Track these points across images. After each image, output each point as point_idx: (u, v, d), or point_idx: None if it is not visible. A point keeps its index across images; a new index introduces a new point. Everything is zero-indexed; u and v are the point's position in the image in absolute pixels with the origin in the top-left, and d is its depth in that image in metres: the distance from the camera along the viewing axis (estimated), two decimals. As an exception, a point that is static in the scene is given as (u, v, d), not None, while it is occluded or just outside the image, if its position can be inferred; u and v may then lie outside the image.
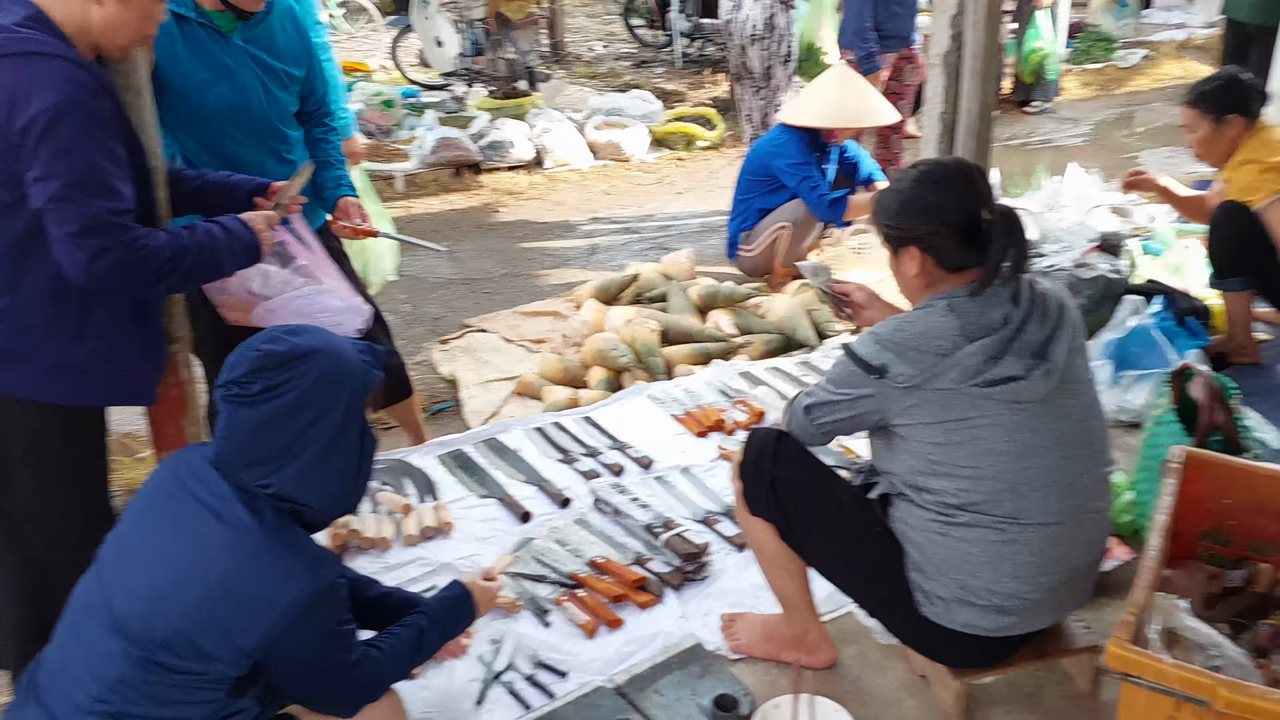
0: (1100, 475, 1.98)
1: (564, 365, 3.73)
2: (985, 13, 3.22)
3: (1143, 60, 9.20)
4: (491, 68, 7.21)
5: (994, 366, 1.79)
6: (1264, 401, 3.32)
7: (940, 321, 1.83)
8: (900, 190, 1.95)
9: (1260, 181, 3.25)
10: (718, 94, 8.35)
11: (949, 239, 1.87)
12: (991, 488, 1.84)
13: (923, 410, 1.83)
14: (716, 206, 5.68)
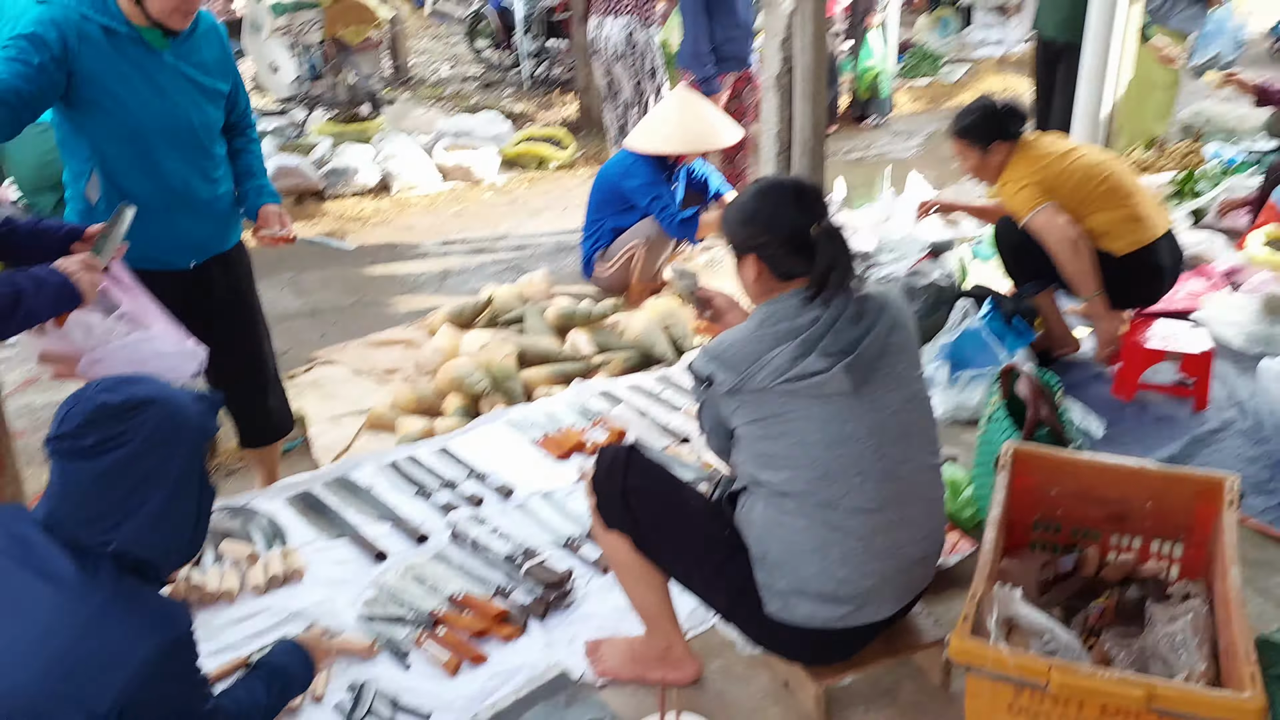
0: (926, 465, 2.09)
1: (418, 395, 3.65)
2: (811, 37, 3.36)
3: (966, 75, 9.72)
4: (331, 92, 7.03)
5: (800, 364, 1.92)
6: (1085, 393, 3.55)
7: (756, 328, 2.00)
8: (742, 203, 2.11)
9: (1020, 200, 3.46)
10: (567, 114, 8.38)
11: (780, 249, 2.02)
12: (809, 476, 1.95)
13: (746, 410, 1.99)
14: (571, 225, 5.69)
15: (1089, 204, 3.44)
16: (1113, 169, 3.49)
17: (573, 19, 7.90)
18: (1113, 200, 3.44)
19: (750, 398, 1.96)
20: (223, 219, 2.74)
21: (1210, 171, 5.76)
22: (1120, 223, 3.44)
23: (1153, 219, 3.49)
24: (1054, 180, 3.44)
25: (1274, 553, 2.70)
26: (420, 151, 6.56)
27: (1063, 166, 3.45)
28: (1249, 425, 3.33)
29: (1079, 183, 3.44)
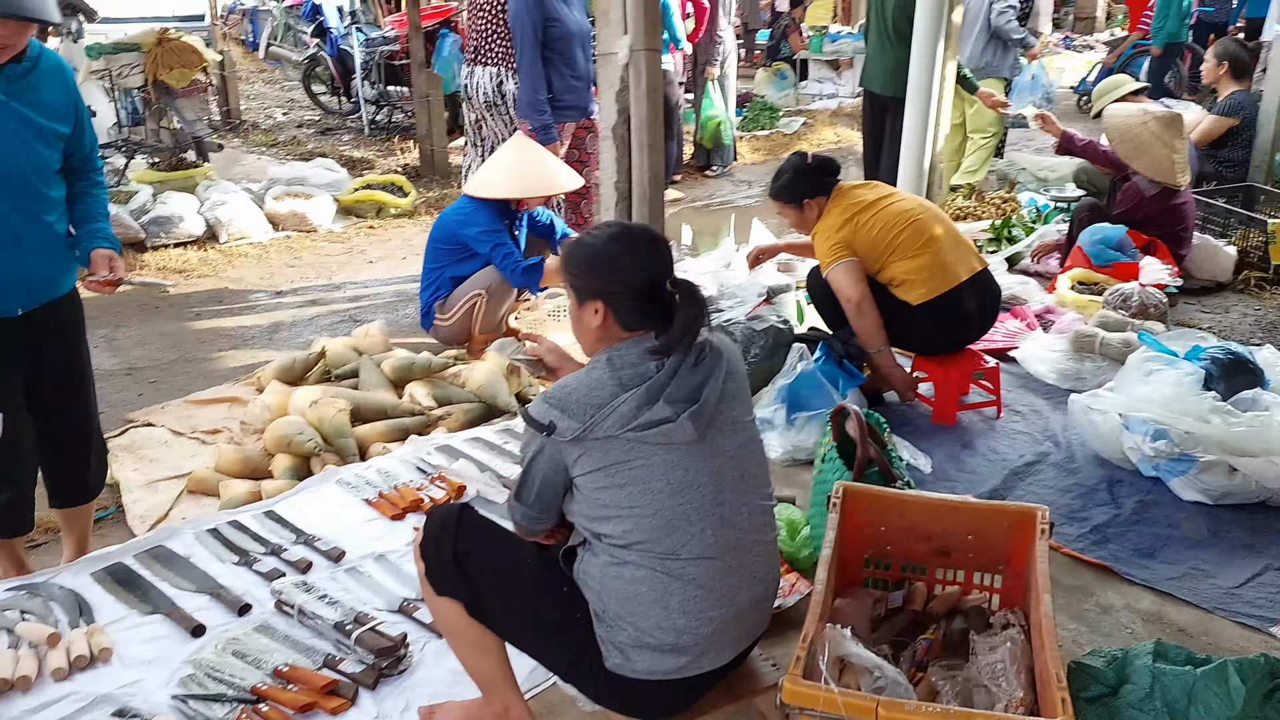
0: (759, 508, 2.09)
1: (243, 456, 3.47)
2: (646, 89, 3.40)
3: (803, 127, 10.14)
4: (154, 138, 6.71)
5: (647, 412, 1.90)
6: (912, 431, 3.69)
7: (599, 375, 1.94)
8: (592, 244, 2.05)
9: (823, 251, 3.66)
10: (408, 161, 8.27)
11: (631, 299, 1.99)
12: (651, 525, 1.92)
13: (589, 458, 1.92)
14: (411, 274, 5.57)
15: (888, 252, 3.61)
16: (916, 217, 3.63)
17: (413, 65, 7.82)
18: (911, 248, 3.58)
19: (595, 445, 1.91)
20: (54, 264, 2.64)
21: (1024, 218, 6.16)
22: (917, 271, 3.59)
23: (953, 267, 3.61)
24: (856, 231, 3.61)
25: (1088, 578, 2.84)
26: (249, 199, 6.32)
27: (867, 217, 3.62)
28: (1062, 457, 3.53)
29: (880, 231, 3.60)
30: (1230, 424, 3.19)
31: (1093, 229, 4.97)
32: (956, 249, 3.67)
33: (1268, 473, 3.12)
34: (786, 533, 2.83)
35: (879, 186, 3.80)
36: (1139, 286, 4.49)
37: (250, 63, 13.40)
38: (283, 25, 12.29)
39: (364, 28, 9.65)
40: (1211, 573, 2.85)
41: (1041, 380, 4.13)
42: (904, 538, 2.40)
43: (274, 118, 10.22)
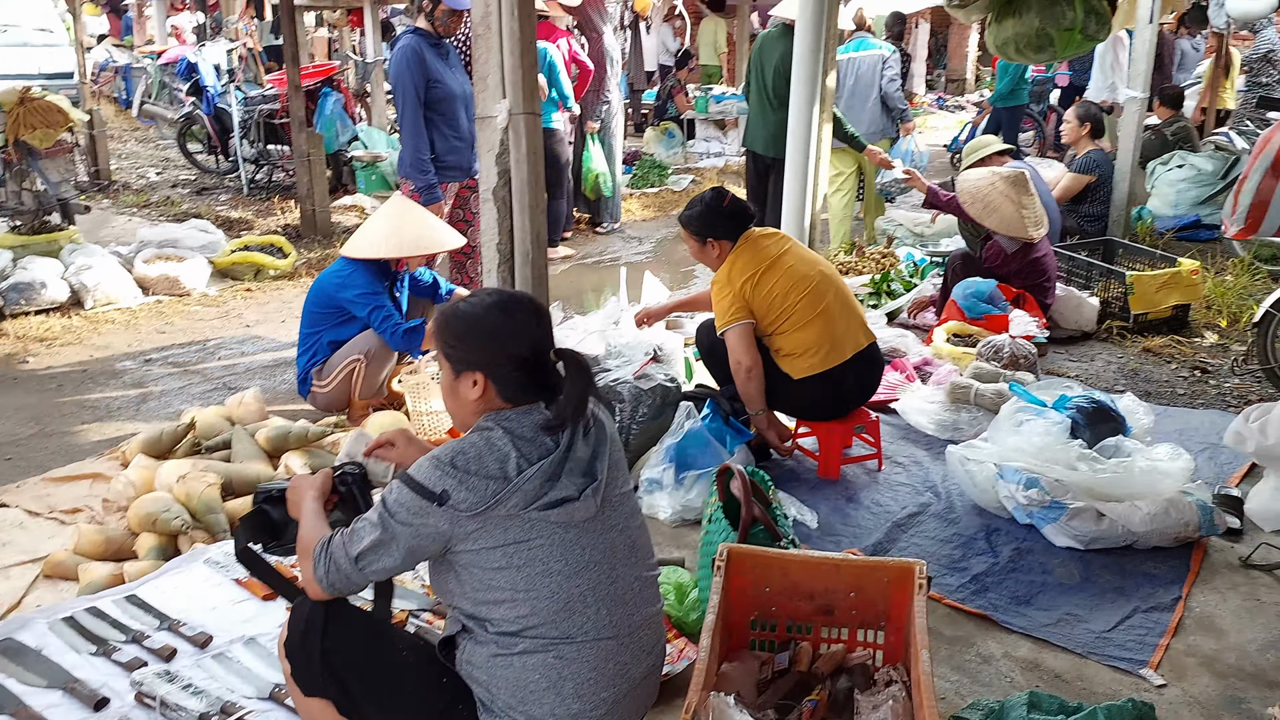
0: (647, 580, 2.07)
1: (105, 536, 3.27)
2: (527, 151, 3.41)
3: (691, 184, 10.33)
4: (15, 200, 6.40)
5: (551, 489, 1.84)
6: (798, 486, 3.73)
7: (500, 445, 1.85)
8: (470, 312, 1.96)
9: (721, 308, 3.69)
10: (289, 220, 8.09)
11: (514, 370, 1.92)
12: (548, 609, 1.86)
13: (484, 535, 1.83)
14: (291, 338, 5.41)
15: (782, 319, 3.64)
16: (814, 284, 3.66)
17: (293, 124, 7.69)
18: (804, 318, 3.62)
19: (494, 522, 1.82)
20: None
21: (902, 272, 6.37)
22: (805, 345, 3.63)
23: (840, 344, 3.66)
24: (756, 290, 3.63)
25: (969, 628, 2.89)
26: (118, 263, 6.07)
27: (770, 279, 3.62)
28: (943, 507, 3.61)
29: (778, 298, 3.62)
30: (1096, 471, 3.32)
31: (965, 283, 5.16)
32: (848, 323, 3.70)
33: (1133, 517, 3.25)
34: (675, 597, 2.81)
35: (784, 239, 3.79)
36: (1009, 338, 4.67)
37: (123, 121, 12.99)
38: (158, 83, 11.98)
39: (243, 86, 9.46)
40: (1084, 617, 2.93)
41: (921, 431, 4.23)
42: (788, 598, 2.41)
43: (147, 178, 9.89)
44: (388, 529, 1.85)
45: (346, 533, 1.90)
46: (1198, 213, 7.77)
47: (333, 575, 1.90)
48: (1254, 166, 4.08)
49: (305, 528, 2.01)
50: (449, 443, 1.89)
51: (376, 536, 1.85)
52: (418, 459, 1.90)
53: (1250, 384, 4.89)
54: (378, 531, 1.85)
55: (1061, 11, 3.39)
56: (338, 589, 1.91)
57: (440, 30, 4.96)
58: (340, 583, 1.90)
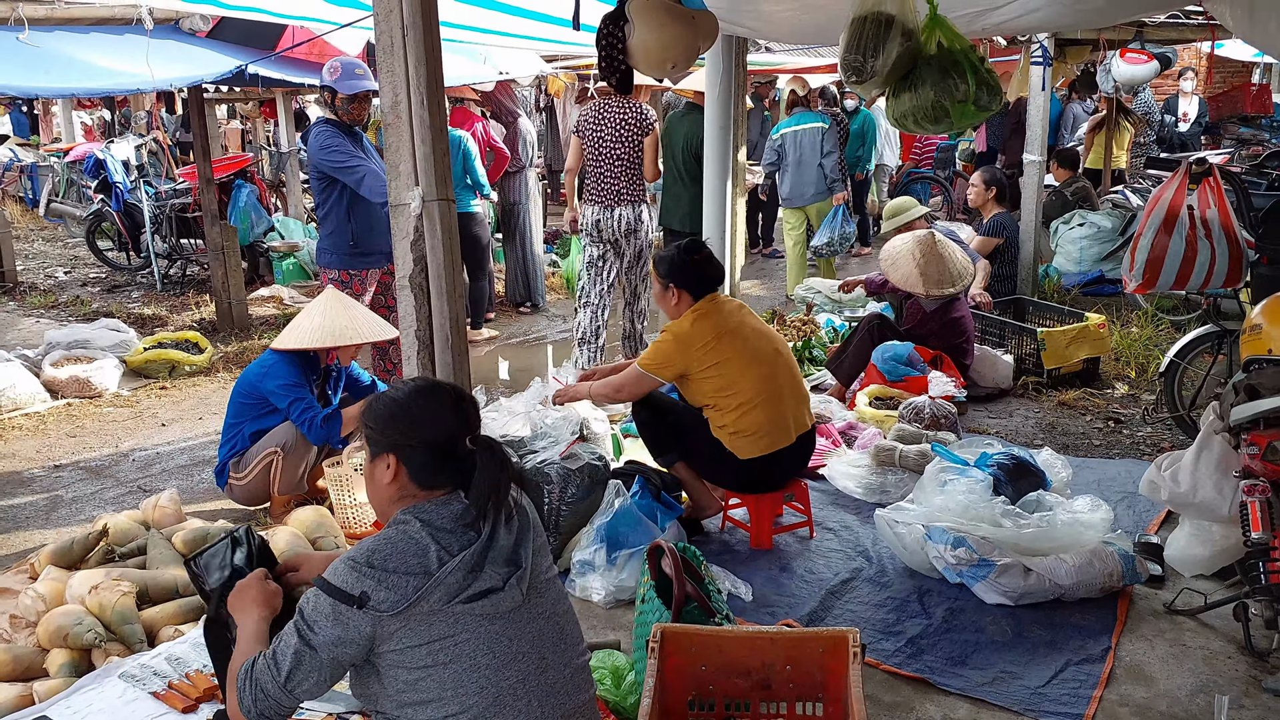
0: (578, 666, 2.03)
1: (13, 655, 3.10)
2: (442, 235, 3.41)
3: (611, 259, 10.40)
4: (-87, 307, 6.19)
5: (474, 581, 1.80)
6: (730, 559, 3.72)
7: (417, 538, 1.81)
8: (394, 398, 1.97)
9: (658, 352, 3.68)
10: (205, 315, 7.95)
11: (427, 455, 1.90)
12: (476, 705, 1.81)
13: (407, 634, 1.78)
14: (209, 435, 5.28)
15: (730, 391, 3.64)
16: (770, 363, 3.69)
17: (205, 217, 7.59)
18: (755, 398, 3.63)
19: (417, 619, 1.77)
20: None
21: (823, 338, 6.48)
22: (755, 426, 3.64)
23: (787, 427, 3.70)
24: (710, 354, 3.62)
25: (906, 691, 2.89)
26: (23, 368, 5.86)
27: (729, 349, 3.62)
28: (875, 571, 3.63)
29: (735, 369, 3.62)
30: (1020, 526, 3.38)
31: (883, 347, 5.28)
32: (796, 405, 3.75)
33: (1058, 570, 3.30)
34: (611, 680, 2.76)
35: (743, 308, 3.83)
36: (929, 399, 4.77)
37: (30, 220, 12.70)
38: (64, 180, 11.75)
39: (153, 181, 9.34)
40: (1019, 674, 2.96)
41: (849, 495, 4.28)
42: (725, 675, 2.38)
43: (55, 277, 9.64)
44: (308, 643, 1.79)
45: (268, 655, 1.83)
46: (1100, 268, 8.11)
47: (261, 704, 1.82)
48: (1147, 224, 4.29)
49: (241, 648, 1.94)
50: (363, 541, 1.84)
51: (298, 652, 1.79)
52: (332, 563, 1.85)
53: (1162, 432, 5.06)
54: (299, 646, 1.79)
55: (954, 85, 3.54)
56: (267, 717, 1.84)
57: (347, 118, 4.98)
58: (270, 710, 1.83)
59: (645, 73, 4.04)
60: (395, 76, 3.23)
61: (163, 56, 6.54)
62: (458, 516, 1.86)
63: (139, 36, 6.70)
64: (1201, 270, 4.19)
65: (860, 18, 3.54)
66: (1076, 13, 4.73)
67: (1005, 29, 5.81)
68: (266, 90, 9.81)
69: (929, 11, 3.57)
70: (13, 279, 8.96)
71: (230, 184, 8.78)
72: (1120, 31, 7.74)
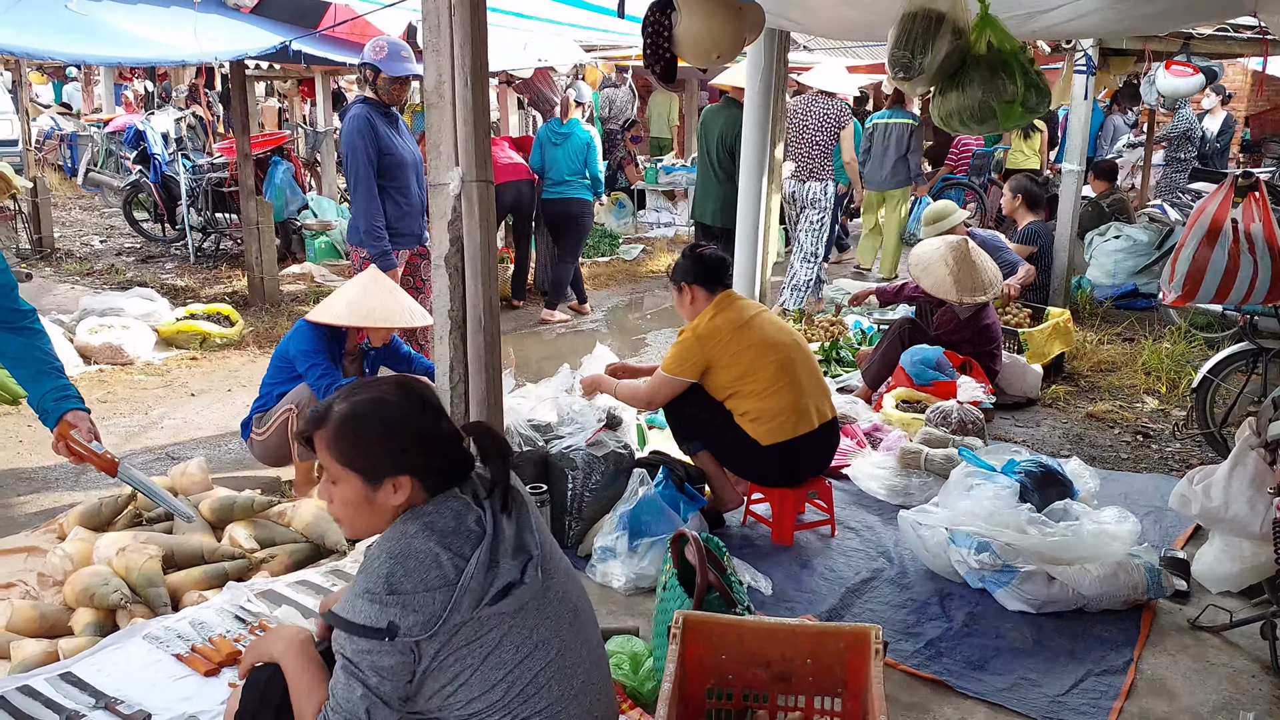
0: (593, 643, 2.01)
1: (40, 612, 3.15)
2: (480, 217, 3.42)
3: (641, 254, 10.43)
4: (-47, 267, 6.27)
5: (494, 579, 1.76)
6: (752, 553, 3.71)
7: (426, 549, 1.73)
8: (369, 413, 1.81)
9: (676, 354, 3.73)
10: (236, 289, 8.01)
11: (442, 462, 1.83)
12: (503, 699, 1.79)
13: (437, 647, 1.74)
14: (236, 408, 5.32)
15: (749, 379, 3.65)
16: (785, 351, 3.70)
17: (242, 192, 7.65)
18: (772, 385, 3.64)
19: (447, 632, 1.72)
20: None
21: (850, 340, 6.46)
22: (773, 411, 3.64)
23: (807, 413, 3.69)
24: (728, 346, 3.65)
25: (924, 693, 2.88)
26: (60, 332, 5.94)
27: (744, 339, 3.66)
28: (896, 572, 3.62)
29: (751, 357, 3.65)
30: (1045, 534, 3.35)
31: (912, 350, 5.25)
32: (814, 393, 3.75)
33: (1082, 580, 3.28)
34: (630, 666, 2.76)
35: (759, 305, 3.88)
36: (957, 404, 4.74)
37: (68, 189, 12.84)
38: (104, 151, 11.88)
39: (191, 154, 9.42)
40: (1038, 681, 2.94)
41: (873, 496, 4.26)
42: (744, 665, 2.38)
43: (91, 245, 9.75)
44: (368, 685, 1.72)
45: (334, 705, 1.75)
46: (1134, 281, 8.02)
47: None
48: (1189, 235, 4.22)
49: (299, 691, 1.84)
50: (369, 565, 1.74)
51: (365, 697, 1.72)
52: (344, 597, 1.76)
53: (1191, 448, 5.01)
54: (363, 692, 1.72)
55: (1003, 85, 3.51)
56: None
57: (386, 99, 5.01)
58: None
59: (690, 62, 4.03)
60: (440, 56, 3.25)
61: (208, 30, 6.59)
62: (459, 514, 1.79)
63: (185, 9, 6.76)
64: (1243, 285, 4.13)
65: (910, 14, 3.51)
66: (1127, 18, 4.67)
67: (1055, 33, 5.75)
68: (307, 68, 9.86)
69: (980, 10, 3.54)
70: (50, 245, 9.07)
71: (267, 160, 8.85)
72: (1166, 43, 7.64)
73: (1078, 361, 6.36)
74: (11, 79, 10.20)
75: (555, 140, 7.69)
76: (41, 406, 2.53)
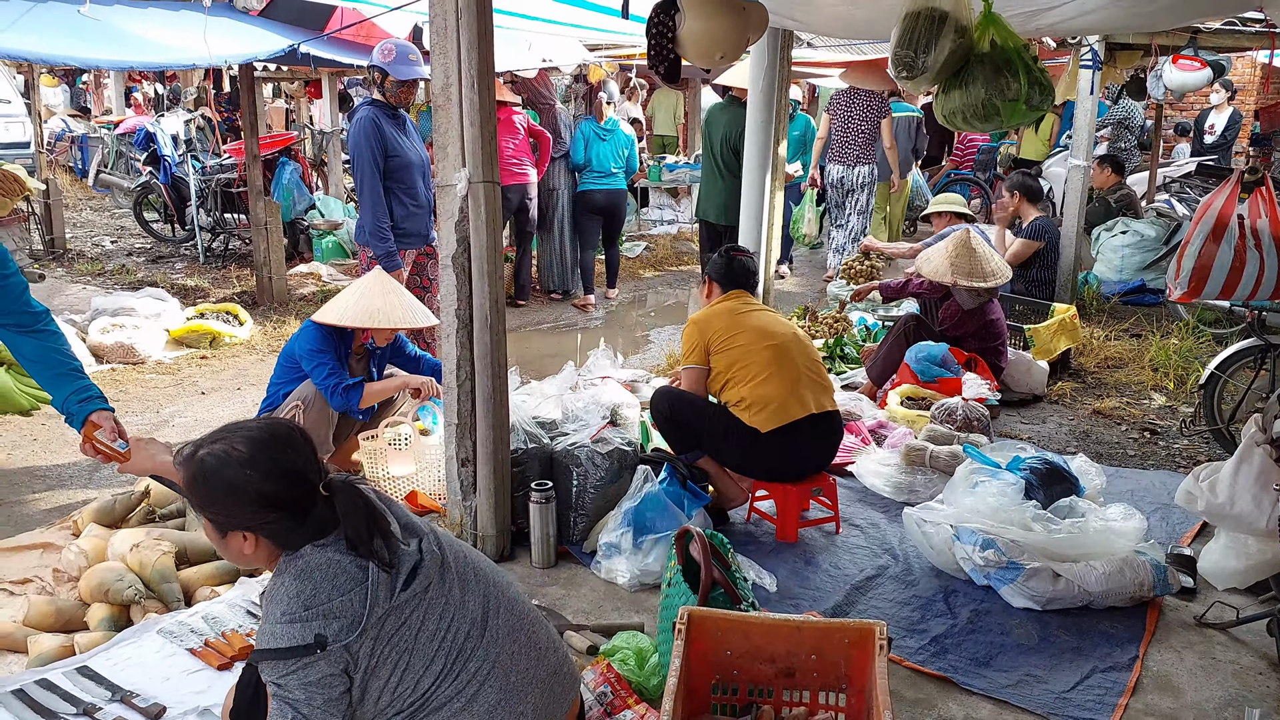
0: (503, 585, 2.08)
1: (56, 607, 3.19)
2: (486, 218, 3.45)
3: (645, 251, 10.44)
4: (-34, 269, 6.32)
5: (400, 565, 1.84)
6: (756, 550, 3.74)
7: (324, 562, 1.78)
8: (216, 468, 1.79)
9: (685, 346, 3.89)
10: (245, 288, 8.06)
11: (286, 522, 1.81)
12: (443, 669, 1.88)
13: (371, 643, 1.81)
14: (247, 406, 5.36)
15: (743, 364, 3.73)
16: (782, 342, 3.77)
17: (250, 193, 7.70)
18: (765, 371, 3.70)
19: (374, 627, 1.79)
20: None
21: (855, 336, 6.47)
22: (767, 397, 3.68)
23: (803, 400, 3.72)
24: (727, 332, 3.79)
25: (929, 689, 2.89)
26: (72, 332, 5.99)
27: (743, 326, 3.80)
28: (900, 569, 3.63)
29: (746, 342, 3.76)
30: (1051, 531, 3.37)
31: (917, 347, 5.26)
32: (813, 385, 3.79)
33: (1088, 577, 3.29)
34: (635, 661, 2.79)
35: (766, 307, 4.06)
36: (962, 401, 4.75)
37: (79, 190, 12.92)
38: (114, 152, 11.94)
39: (200, 155, 9.48)
40: (1043, 678, 2.95)
41: (877, 493, 4.28)
42: (749, 661, 2.40)
43: (102, 246, 9.81)
44: (294, 706, 1.76)
45: None
46: (1142, 277, 8.02)
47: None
48: (1195, 231, 4.23)
49: None
50: (275, 593, 1.77)
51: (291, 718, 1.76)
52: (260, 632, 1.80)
53: (1199, 445, 5.01)
54: (289, 713, 1.76)
55: (1006, 83, 3.53)
56: None
57: (393, 101, 5.04)
58: None
59: (694, 62, 4.05)
60: (448, 58, 3.28)
61: (217, 33, 6.63)
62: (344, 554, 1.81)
63: (195, 13, 6.81)
64: (1249, 280, 4.13)
65: (913, 13, 3.53)
66: (1132, 15, 4.67)
67: (1059, 30, 5.74)
68: (314, 70, 9.91)
69: (983, 9, 3.55)
70: (62, 246, 9.14)
71: (275, 161, 8.90)
72: (1174, 37, 7.61)
73: (1084, 358, 6.36)
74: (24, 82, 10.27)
75: (602, 136, 8.21)
76: (66, 409, 2.58)
